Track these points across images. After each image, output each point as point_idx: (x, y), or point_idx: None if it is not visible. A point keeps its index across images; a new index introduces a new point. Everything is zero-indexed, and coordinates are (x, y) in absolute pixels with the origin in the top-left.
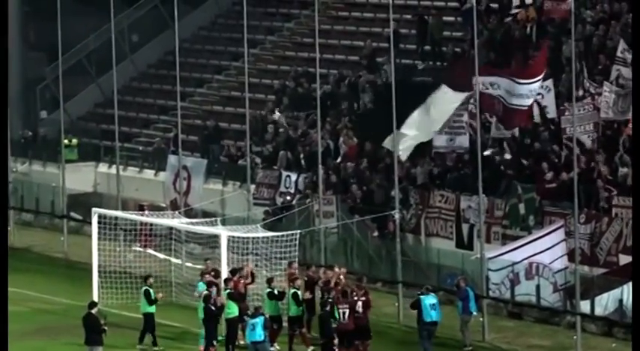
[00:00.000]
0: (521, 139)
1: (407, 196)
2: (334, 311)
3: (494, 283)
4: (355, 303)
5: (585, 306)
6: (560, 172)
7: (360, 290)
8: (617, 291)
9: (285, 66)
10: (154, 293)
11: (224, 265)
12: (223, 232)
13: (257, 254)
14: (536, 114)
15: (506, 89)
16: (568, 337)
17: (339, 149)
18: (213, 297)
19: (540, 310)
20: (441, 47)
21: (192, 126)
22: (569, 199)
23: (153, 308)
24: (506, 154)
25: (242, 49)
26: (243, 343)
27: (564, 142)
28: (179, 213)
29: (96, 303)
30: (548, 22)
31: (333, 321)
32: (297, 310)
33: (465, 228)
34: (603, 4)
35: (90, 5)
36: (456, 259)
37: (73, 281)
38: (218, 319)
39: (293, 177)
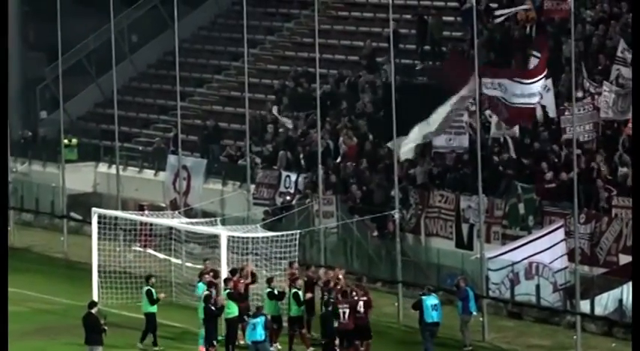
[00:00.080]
0: (521, 138)
1: (407, 196)
2: (336, 311)
3: (494, 282)
4: (356, 303)
5: (585, 306)
6: (560, 172)
7: (360, 290)
8: (617, 291)
9: (285, 66)
10: (156, 293)
11: (224, 265)
12: (223, 232)
13: (257, 254)
14: (539, 114)
15: (508, 89)
16: (568, 337)
17: (338, 149)
18: (214, 297)
19: (540, 310)
20: (440, 47)
21: (192, 126)
22: (569, 199)
23: (154, 308)
24: (510, 151)
25: (242, 49)
26: (243, 343)
27: (563, 141)
28: (179, 213)
29: (96, 303)
30: (548, 22)
31: (335, 321)
32: (298, 310)
33: (465, 228)
34: (603, 4)
35: (89, 5)
36: (455, 259)
37: (73, 281)
38: (217, 320)
39: (293, 177)
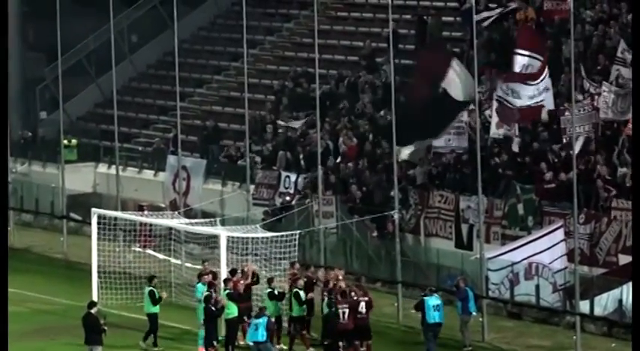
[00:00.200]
0: (521, 138)
1: (406, 197)
2: (336, 311)
3: (493, 283)
4: (357, 303)
5: (585, 306)
6: (560, 172)
7: (359, 290)
8: (617, 291)
9: (285, 66)
10: (158, 293)
11: (223, 266)
12: (223, 233)
13: (256, 255)
14: (544, 115)
15: (521, 92)
16: (567, 338)
17: (338, 149)
18: (214, 297)
19: (540, 310)
20: None
21: (191, 126)
22: (569, 199)
23: (157, 308)
24: (514, 145)
25: (241, 49)
26: (243, 343)
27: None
28: (178, 213)
29: (95, 303)
30: (547, 23)
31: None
32: (299, 310)
33: (465, 228)
34: (603, 4)
35: (89, 6)
36: (455, 259)
37: (73, 282)
38: (217, 320)
39: (292, 177)
